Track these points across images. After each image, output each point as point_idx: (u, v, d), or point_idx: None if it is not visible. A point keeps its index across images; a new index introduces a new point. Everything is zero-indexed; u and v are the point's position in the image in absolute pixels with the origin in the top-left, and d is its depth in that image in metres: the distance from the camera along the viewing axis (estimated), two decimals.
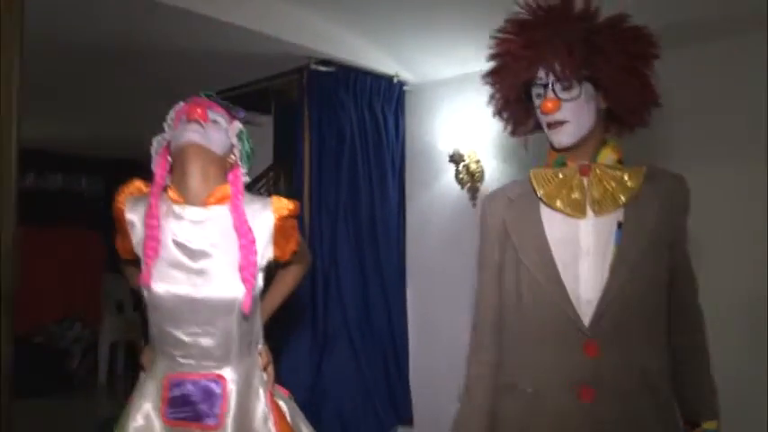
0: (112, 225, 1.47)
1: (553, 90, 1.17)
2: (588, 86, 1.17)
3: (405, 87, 3.24)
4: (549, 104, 1.16)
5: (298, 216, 1.46)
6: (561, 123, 1.18)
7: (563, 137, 1.19)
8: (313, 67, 2.95)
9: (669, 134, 2.25)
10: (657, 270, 1.18)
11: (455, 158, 2.99)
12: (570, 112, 1.17)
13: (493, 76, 1.27)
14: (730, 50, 2.32)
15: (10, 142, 1.58)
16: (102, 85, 3.58)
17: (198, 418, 1.36)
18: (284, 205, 1.42)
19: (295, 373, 2.81)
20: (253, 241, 1.35)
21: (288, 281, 1.59)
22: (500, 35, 1.25)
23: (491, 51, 1.26)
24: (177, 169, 1.38)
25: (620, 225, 1.17)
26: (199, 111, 1.34)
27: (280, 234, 1.41)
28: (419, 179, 3.24)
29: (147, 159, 1.44)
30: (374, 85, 3.10)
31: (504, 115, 1.31)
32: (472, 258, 1.43)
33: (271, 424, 1.40)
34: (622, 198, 1.17)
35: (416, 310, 3.21)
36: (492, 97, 1.30)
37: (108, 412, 4.49)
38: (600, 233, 1.17)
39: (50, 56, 2.80)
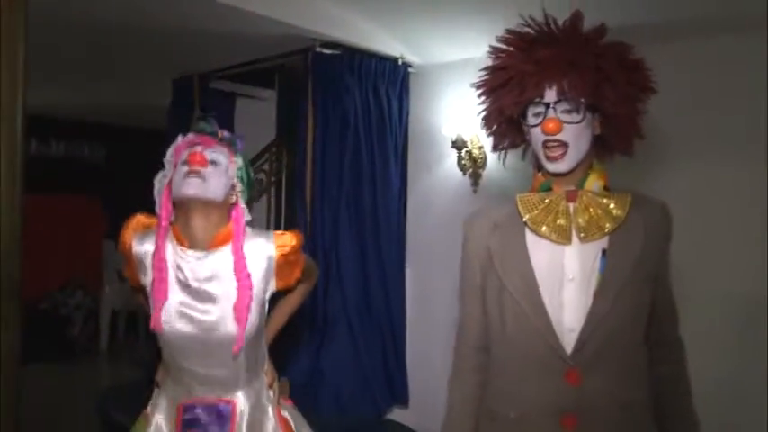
0: (113, 192, 1.48)
1: (554, 111, 1.14)
2: (588, 113, 1.15)
3: (409, 69, 3.21)
4: (551, 124, 1.13)
5: (301, 247, 1.46)
6: (562, 146, 1.15)
7: (561, 165, 1.16)
8: (318, 49, 2.92)
9: (669, 133, 2.24)
10: (641, 298, 1.17)
11: (458, 144, 2.97)
12: (571, 136, 1.14)
13: (495, 91, 1.22)
14: (729, 49, 2.29)
15: (15, 114, 1.57)
16: (107, 56, 3.55)
17: None
18: (287, 242, 1.42)
19: (294, 355, 2.86)
20: (250, 286, 1.37)
21: (292, 302, 1.62)
22: (504, 48, 1.21)
23: (494, 64, 1.22)
24: (180, 212, 1.38)
25: (604, 252, 1.16)
26: (198, 158, 1.32)
27: (282, 269, 1.44)
28: (421, 162, 3.23)
29: (148, 127, 1.42)
30: (379, 68, 3.06)
31: (496, 129, 1.28)
32: None
33: None
34: (608, 226, 1.15)
35: (415, 294, 3.23)
36: (488, 111, 1.26)
37: (108, 380, 4.58)
38: (584, 260, 1.15)
39: (53, 25, 2.77)
